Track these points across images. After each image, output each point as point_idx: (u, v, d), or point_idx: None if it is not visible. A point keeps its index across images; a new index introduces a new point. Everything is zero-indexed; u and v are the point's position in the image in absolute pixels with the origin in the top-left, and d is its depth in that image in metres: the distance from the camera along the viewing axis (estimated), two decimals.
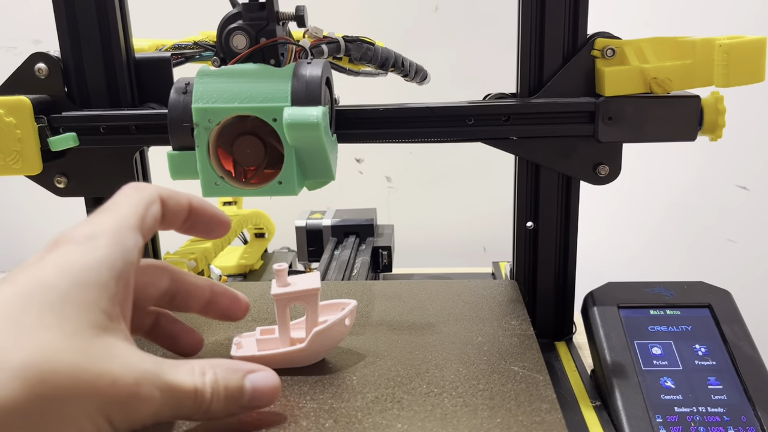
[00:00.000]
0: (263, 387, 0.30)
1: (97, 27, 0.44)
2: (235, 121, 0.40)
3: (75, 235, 0.27)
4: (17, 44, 0.96)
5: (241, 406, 0.30)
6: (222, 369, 0.29)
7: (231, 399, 0.29)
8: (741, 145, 0.88)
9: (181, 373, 0.27)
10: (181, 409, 0.27)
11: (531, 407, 0.32)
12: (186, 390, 0.27)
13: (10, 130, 0.43)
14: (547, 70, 0.45)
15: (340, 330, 0.36)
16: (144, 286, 0.33)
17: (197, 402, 0.28)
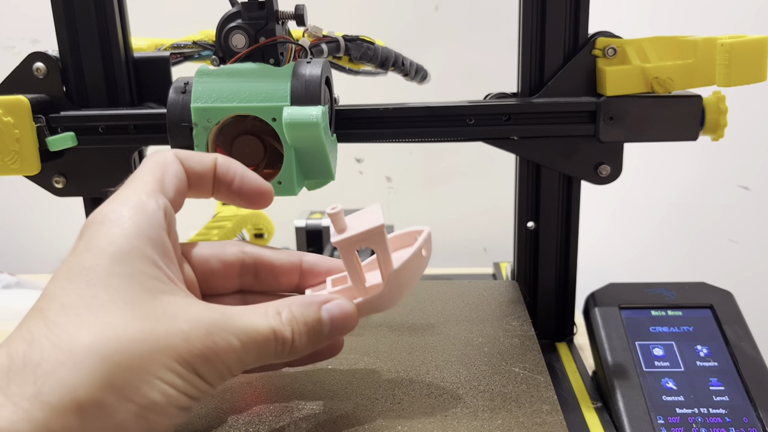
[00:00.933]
0: (339, 315, 0.30)
1: (95, 26, 0.44)
2: (235, 120, 0.39)
3: (98, 216, 0.27)
4: (16, 43, 0.96)
5: (322, 338, 0.29)
6: (296, 305, 0.29)
7: (312, 334, 0.29)
8: (742, 145, 0.88)
9: (255, 317, 0.27)
10: (265, 353, 0.27)
11: (532, 408, 0.32)
12: (264, 333, 0.27)
13: (8, 129, 0.42)
14: (548, 70, 0.44)
15: (418, 263, 0.32)
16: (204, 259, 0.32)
17: (279, 343, 0.28)
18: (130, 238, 0.26)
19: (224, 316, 0.26)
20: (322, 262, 0.34)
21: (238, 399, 0.34)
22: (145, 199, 0.27)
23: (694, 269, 0.94)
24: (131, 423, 0.23)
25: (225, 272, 0.33)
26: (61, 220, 1.00)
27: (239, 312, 0.27)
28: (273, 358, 0.28)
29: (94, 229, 0.26)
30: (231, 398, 0.34)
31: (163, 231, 0.27)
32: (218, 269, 0.32)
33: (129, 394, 0.23)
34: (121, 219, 0.26)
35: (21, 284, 0.76)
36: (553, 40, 0.44)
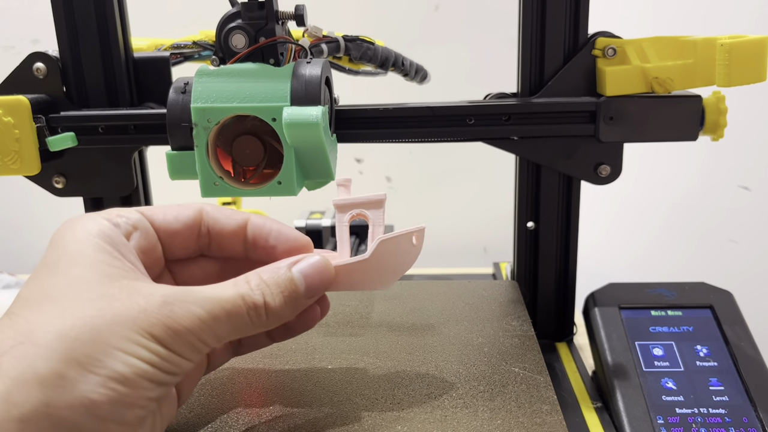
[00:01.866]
0: (313, 271, 0.30)
1: (95, 26, 0.44)
2: (234, 120, 0.39)
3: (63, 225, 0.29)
4: (16, 43, 0.96)
5: (299, 297, 0.29)
6: (264, 271, 0.29)
7: (287, 295, 0.29)
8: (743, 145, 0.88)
9: (221, 288, 0.28)
10: (240, 322, 0.27)
11: (532, 408, 0.32)
12: (231, 299, 0.27)
13: (9, 129, 0.42)
14: (547, 70, 0.44)
15: (407, 249, 0.32)
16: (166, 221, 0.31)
17: (252, 309, 0.28)
18: (92, 237, 0.27)
19: (186, 289, 0.27)
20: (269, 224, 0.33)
21: (238, 399, 0.34)
22: (105, 215, 0.29)
23: (694, 269, 0.93)
24: (96, 394, 0.23)
25: (186, 234, 0.32)
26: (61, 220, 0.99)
27: (206, 286, 0.27)
28: (251, 326, 0.28)
29: (59, 233, 0.28)
30: (230, 398, 0.34)
31: (121, 236, 0.28)
32: (180, 231, 0.32)
33: (90, 366, 0.23)
34: (84, 224, 0.28)
35: (21, 284, 0.76)
36: (553, 40, 0.44)
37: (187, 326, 0.26)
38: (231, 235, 0.32)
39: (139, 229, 0.30)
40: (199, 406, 0.34)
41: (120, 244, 0.28)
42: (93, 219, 0.28)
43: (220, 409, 0.33)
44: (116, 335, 0.24)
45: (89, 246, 0.27)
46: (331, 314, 0.44)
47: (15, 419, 0.22)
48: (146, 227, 0.30)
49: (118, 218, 0.29)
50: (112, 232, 0.28)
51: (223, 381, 0.36)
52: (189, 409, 0.33)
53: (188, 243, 0.32)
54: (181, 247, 0.32)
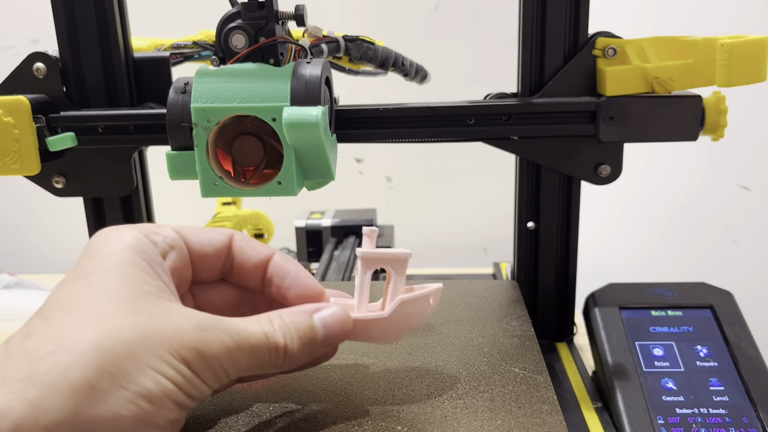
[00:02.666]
0: (333, 322, 0.30)
1: (95, 26, 0.44)
2: (234, 121, 0.39)
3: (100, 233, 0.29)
4: (15, 44, 0.96)
5: (316, 345, 0.30)
6: (287, 314, 0.29)
7: (305, 340, 0.29)
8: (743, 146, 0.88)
9: (248, 322, 0.28)
10: (260, 358, 0.28)
11: (532, 409, 0.32)
12: (257, 335, 0.27)
13: (8, 130, 0.42)
14: (548, 70, 0.44)
15: (423, 308, 0.33)
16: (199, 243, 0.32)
17: (272, 348, 0.28)
18: (130, 251, 0.27)
19: (217, 318, 0.27)
20: (288, 266, 0.33)
21: (237, 400, 0.34)
22: (143, 229, 0.29)
23: (694, 270, 0.93)
24: (123, 409, 0.23)
25: (215, 259, 0.32)
26: (61, 220, 1.00)
27: (233, 318, 0.28)
28: (268, 365, 0.28)
29: (96, 242, 0.28)
30: (230, 399, 0.34)
31: (158, 254, 0.29)
32: (210, 255, 0.32)
33: (122, 380, 0.23)
34: (122, 236, 0.28)
35: (21, 284, 0.76)
36: (553, 40, 0.44)
37: (215, 353, 0.26)
38: (253, 268, 0.32)
39: (175, 248, 0.30)
40: (198, 407, 0.34)
41: (156, 263, 0.28)
42: (131, 233, 0.28)
43: (219, 409, 0.33)
44: (150, 352, 0.24)
45: (127, 260, 0.27)
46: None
47: (42, 427, 0.22)
48: (182, 248, 0.30)
49: (156, 236, 0.29)
50: (150, 249, 0.28)
51: None
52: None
53: (215, 268, 0.32)
54: (207, 270, 0.32)
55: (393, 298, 0.33)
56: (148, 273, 0.27)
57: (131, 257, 0.27)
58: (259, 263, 0.32)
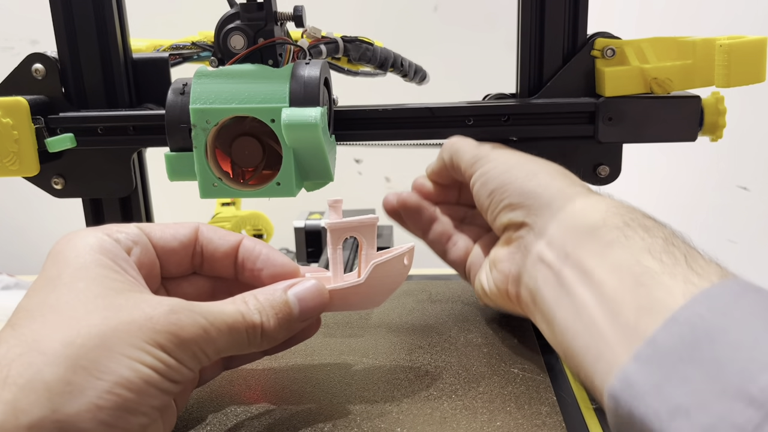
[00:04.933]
0: (307, 295, 0.31)
1: (94, 27, 0.44)
2: (233, 122, 0.39)
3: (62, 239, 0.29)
4: (14, 44, 0.96)
5: (293, 320, 0.30)
6: (261, 293, 0.30)
7: (281, 316, 0.29)
8: (741, 146, 0.88)
9: (222, 304, 0.28)
10: (238, 338, 0.28)
11: (531, 410, 0.32)
12: (232, 315, 0.28)
13: (7, 131, 0.42)
14: (546, 71, 0.44)
15: (398, 270, 0.34)
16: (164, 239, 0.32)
17: (249, 327, 0.28)
18: (93, 252, 0.27)
19: (190, 302, 0.27)
20: (259, 248, 0.33)
21: (236, 401, 0.34)
22: (105, 230, 0.30)
23: None
24: (102, 400, 0.23)
25: (182, 252, 0.32)
26: (61, 220, 0.99)
27: (207, 303, 0.28)
28: (247, 344, 0.28)
29: (59, 248, 0.28)
30: (229, 400, 0.34)
31: (122, 250, 0.29)
32: (176, 249, 0.32)
33: (97, 372, 0.23)
34: (84, 239, 0.28)
35: (20, 285, 0.76)
36: (552, 41, 0.44)
37: (192, 335, 0.26)
38: (223, 257, 0.33)
39: (138, 244, 0.30)
40: (198, 408, 0.34)
41: (121, 258, 0.28)
42: (93, 234, 0.29)
43: (219, 410, 0.33)
44: (122, 342, 0.24)
45: (92, 261, 0.27)
46: (330, 315, 0.44)
47: (24, 426, 0.22)
48: (145, 243, 0.30)
49: (118, 233, 0.29)
50: (113, 247, 0.28)
51: (221, 382, 0.36)
52: (188, 412, 0.33)
53: (183, 261, 0.32)
54: (176, 264, 0.32)
55: (366, 264, 0.33)
56: (114, 270, 0.27)
57: (95, 257, 0.27)
58: (229, 250, 0.32)
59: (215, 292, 0.34)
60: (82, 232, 0.29)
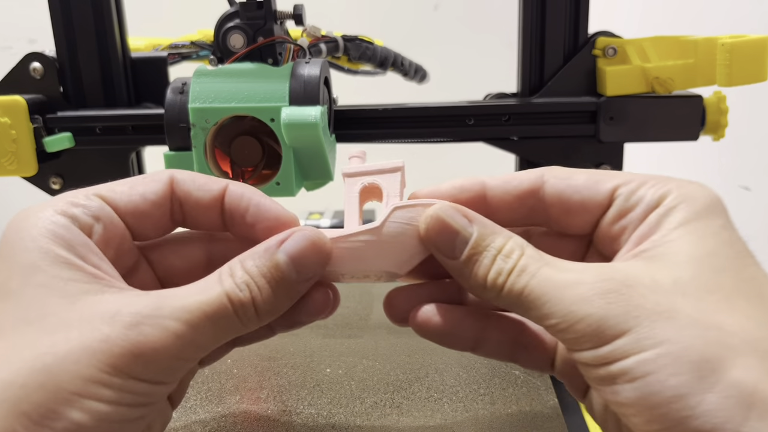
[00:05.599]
0: (300, 248, 0.24)
1: (92, 26, 0.44)
2: (233, 121, 0.39)
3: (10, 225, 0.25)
4: (12, 44, 0.95)
5: (292, 283, 0.24)
6: (249, 257, 0.24)
7: (277, 283, 0.24)
8: (744, 146, 0.88)
9: (203, 287, 0.23)
10: (228, 325, 0.23)
11: (532, 412, 0.32)
12: (215, 301, 0.23)
13: (5, 130, 0.42)
14: (547, 70, 0.44)
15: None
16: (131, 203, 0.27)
17: (238, 308, 0.23)
18: (45, 241, 0.23)
19: (159, 299, 0.22)
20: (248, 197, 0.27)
21: (236, 402, 0.34)
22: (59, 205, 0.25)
23: None
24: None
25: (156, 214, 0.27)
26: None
27: (186, 290, 0.23)
28: (241, 327, 0.24)
29: (9, 236, 0.24)
30: (228, 401, 0.34)
31: (73, 227, 0.24)
32: (149, 211, 0.27)
33: (45, 420, 0.20)
34: (35, 222, 0.24)
35: None
36: (553, 40, 0.44)
37: (162, 348, 0.21)
38: (207, 208, 0.27)
39: (101, 219, 0.25)
40: (196, 409, 0.33)
41: (78, 244, 0.24)
42: (45, 215, 0.24)
43: (218, 412, 0.33)
44: (72, 376, 0.20)
45: (43, 257, 0.23)
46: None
47: None
48: (109, 216, 0.25)
49: (75, 209, 0.24)
50: (68, 232, 0.24)
51: (220, 383, 0.36)
52: (187, 412, 0.33)
53: (161, 222, 0.27)
54: (153, 227, 0.27)
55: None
56: (70, 263, 0.23)
57: (47, 249, 0.23)
58: (212, 202, 0.27)
59: (211, 258, 0.28)
60: (35, 211, 0.24)
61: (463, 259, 0.24)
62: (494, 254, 0.24)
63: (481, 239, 0.24)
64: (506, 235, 0.25)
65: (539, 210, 0.27)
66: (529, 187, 0.27)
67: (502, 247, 0.24)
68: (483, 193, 0.27)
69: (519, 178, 0.27)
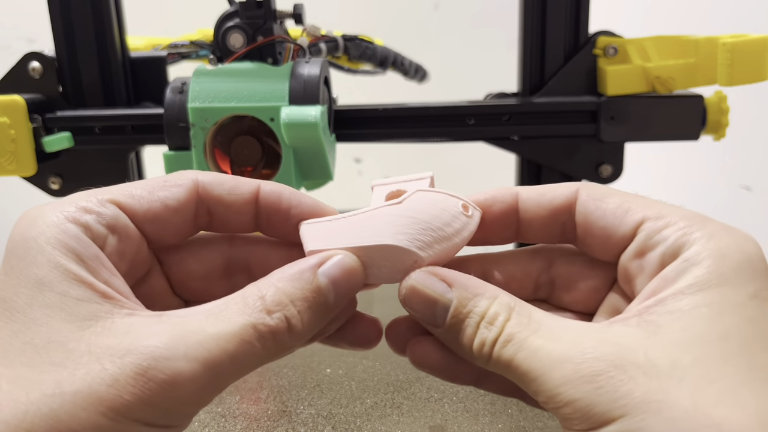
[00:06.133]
0: (340, 273, 0.23)
1: (92, 26, 0.44)
2: (233, 121, 0.39)
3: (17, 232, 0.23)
4: (11, 43, 0.95)
5: (329, 309, 0.23)
6: (285, 280, 0.23)
7: (316, 309, 0.23)
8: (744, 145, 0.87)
9: (224, 319, 0.21)
10: (248, 360, 0.21)
11: (533, 412, 0.32)
12: (236, 334, 0.21)
13: (4, 130, 0.42)
14: (548, 69, 0.44)
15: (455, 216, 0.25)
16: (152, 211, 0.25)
17: (267, 340, 0.21)
18: (54, 251, 0.22)
19: (172, 335, 0.21)
20: (287, 196, 0.26)
21: (235, 402, 0.34)
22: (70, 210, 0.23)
23: None
24: None
25: (178, 221, 0.25)
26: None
27: (203, 315, 0.21)
28: (265, 358, 0.22)
29: (16, 242, 0.22)
30: (228, 401, 0.34)
31: (85, 237, 0.23)
32: (170, 219, 0.25)
33: None
34: (45, 229, 0.22)
35: None
36: (554, 39, 0.43)
37: (174, 396, 0.20)
38: (238, 212, 0.25)
39: (115, 231, 0.23)
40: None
41: (89, 258, 0.22)
42: (54, 221, 0.22)
43: (218, 412, 0.33)
44: (78, 422, 0.19)
45: (51, 271, 0.21)
46: None
47: None
48: (124, 225, 0.24)
49: (88, 216, 0.23)
50: (79, 243, 0.22)
51: None
52: None
53: (181, 228, 0.25)
54: (172, 234, 0.25)
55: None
56: (80, 279, 0.21)
57: (54, 263, 0.21)
58: (244, 205, 0.25)
59: (230, 266, 0.27)
60: (43, 216, 0.22)
61: (446, 327, 0.23)
62: (477, 321, 0.22)
63: (462, 306, 0.23)
64: (490, 295, 0.23)
65: (571, 228, 0.25)
66: (563, 202, 0.25)
67: (485, 312, 0.22)
68: (515, 205, 0.26)
69: (554, 192, 0.25)
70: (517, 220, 0.26)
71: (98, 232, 0.23)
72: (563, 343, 0.20)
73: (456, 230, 0.24)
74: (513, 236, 0.26)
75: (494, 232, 0.26)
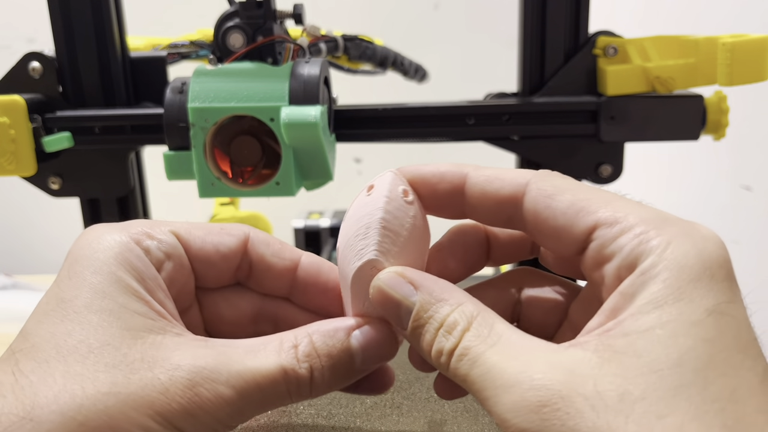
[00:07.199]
0: (373, 341, 0.24)
1: (92, 26, 0.44)
2: (232, 121, 0.39)
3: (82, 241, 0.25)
4: (11, 43, 0.95)
5: (352, 371, 0.24)
6: (319, 334, 0.24)
7: (339, 368, 0.24)
8: (745, 145, 0.87)
9: (261, 357, 0.23)
10: (273, 396, 0.23)
11: None
12: (270, 373, 0.23)
13: (4, 130, 0.42)
14: (548, 69, 0.44)
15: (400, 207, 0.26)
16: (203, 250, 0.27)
17: (292, 383, 0.23)
18: (116, 266, 0.23)
19: (217, 360, 0.23)
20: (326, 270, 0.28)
21: None
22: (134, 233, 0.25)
23: None
24: None
25: (223, 267, 0.27)
26: (58, 220, 0.99)
27: (244, 349, 0.23)
28: (287, 399, 0.24)
29: (78, 253, 0.24)
30: None
31: (146, 259, 0.25)
32: (217, 263, 0.27)
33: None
34: (108, 246, 0.24)
35: (17, 285, 0.76)
36: (554, 39, 0.43)
37: (212, 412, 0.22)
38: (277, 276, 0.27)
39: (172, 258, 0.25)
40: None
41: (149, 278, 0.24)
42: (120, 239, 0.24)
43: None
44: (129, 422, 0.21)
45: (113, 283, 0.23)
46: None
47: None
48: (180, 256, 0.26)
49: (150, 241, 0.25)
50: (141, 262, 0.24)
51: None
52: None
53: (224, 275, 0.27)
54: (215, 278, 0.27)
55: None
56: (138, 296, 0.23)
57: (117, 276, 0.23)
58: (283, 270, 0.27)
59: (260, 313, 0.28)
60: (107, 232, 0.24)
61: (408, 331, 0.23)
62: (436, 328, 0.22)
63: (423, 311, 0.22)
64: (454, 302, 0.22)
65: (519, 220, 0.24)
66: (509, 194, 0.24)
67: (445, 319, 0.22)
68: (462, 187, 0.26)
69: (502, 180, 0.25)
70: (462, 204, 0.26)
71: (157, 256, 0.25)
72: (517, 362, 0.20)
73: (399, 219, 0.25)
74: (460, 215, 0.26)
75: (439, 210, 0.27)
